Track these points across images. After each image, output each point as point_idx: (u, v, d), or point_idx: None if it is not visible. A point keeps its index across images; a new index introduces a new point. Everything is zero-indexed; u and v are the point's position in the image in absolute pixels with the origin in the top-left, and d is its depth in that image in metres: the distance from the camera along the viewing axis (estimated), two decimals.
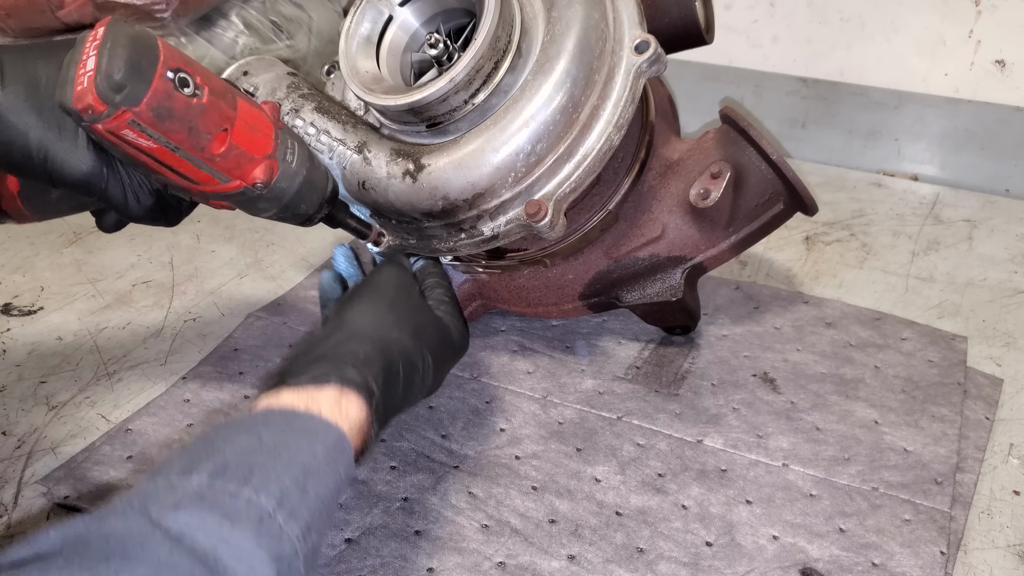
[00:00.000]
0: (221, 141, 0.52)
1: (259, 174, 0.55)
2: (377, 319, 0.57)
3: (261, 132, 0.55)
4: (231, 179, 0.54)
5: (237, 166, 0.54)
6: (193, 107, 0.50)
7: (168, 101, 0.48)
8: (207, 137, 0.51)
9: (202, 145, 0.51)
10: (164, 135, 0.49)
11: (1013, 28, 1.07)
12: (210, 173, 0.53)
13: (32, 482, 0.65)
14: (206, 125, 0.51)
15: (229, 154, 0.53)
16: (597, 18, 0.61)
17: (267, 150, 0.55)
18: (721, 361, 0.78)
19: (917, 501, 0.63)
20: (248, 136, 0.54)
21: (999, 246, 0.99)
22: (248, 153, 0.54)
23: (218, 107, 0.52)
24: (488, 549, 0.60)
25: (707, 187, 0.69)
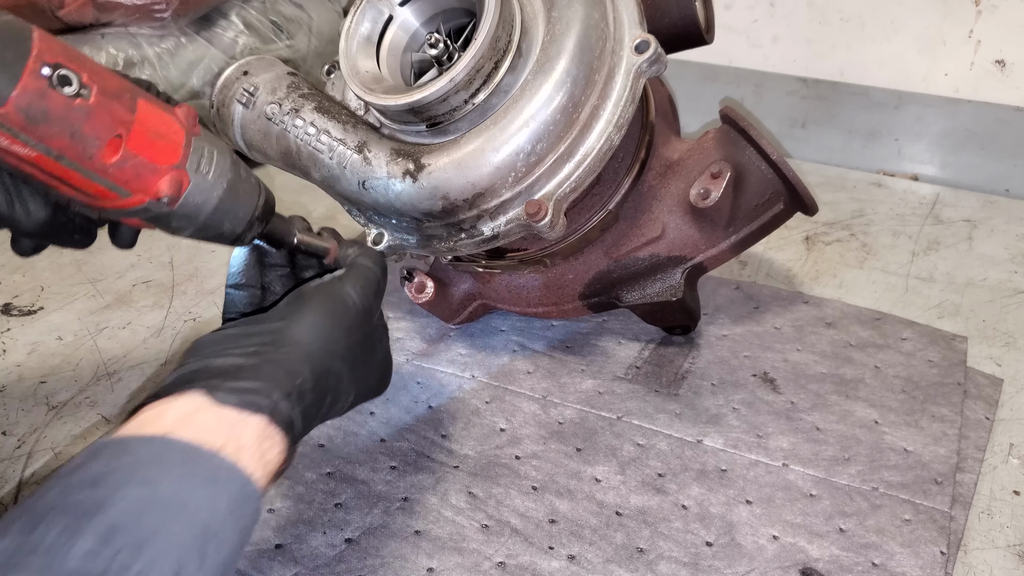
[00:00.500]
0: (114, 149, 0.45)
1: (164, 187, 0.48)
2: (329, 343, 0.51)
3: (167, 139, 0.48)
4: (130, 192, 0.47)
5: (136, 177, 0.47)
6: (75, 109, 0.43)
7: (42, 101, 0.42)
8: (95, 144, 0.45)
9: (90, 153, 0.45)
10: (41, 141, 0.43)
11: (1013, 28, 1.07)
12: (104, 186, 0.46)
13: (32, 482, 0.65)
14: (93, 130, 0.44)
15: (125, 164, 0.46)
16: (597, 18, 0.61)
17: (174, 159, 0.48)
18: (721, 361, 0.78)
19: (917, 501, 0.63)
20: (150, 143, 0.47)
21: (999, 246, 0.99)
22: (150, 163, 0.47)
23: (109, 109, 0.45)
24: (488, 549, 0.60)
25: (707, 187, 0.69)
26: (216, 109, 0.70)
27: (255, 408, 0.45)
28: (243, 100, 0.67)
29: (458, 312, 0.80)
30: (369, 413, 0.72)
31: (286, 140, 0.66)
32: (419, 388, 0.75)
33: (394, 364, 0.78)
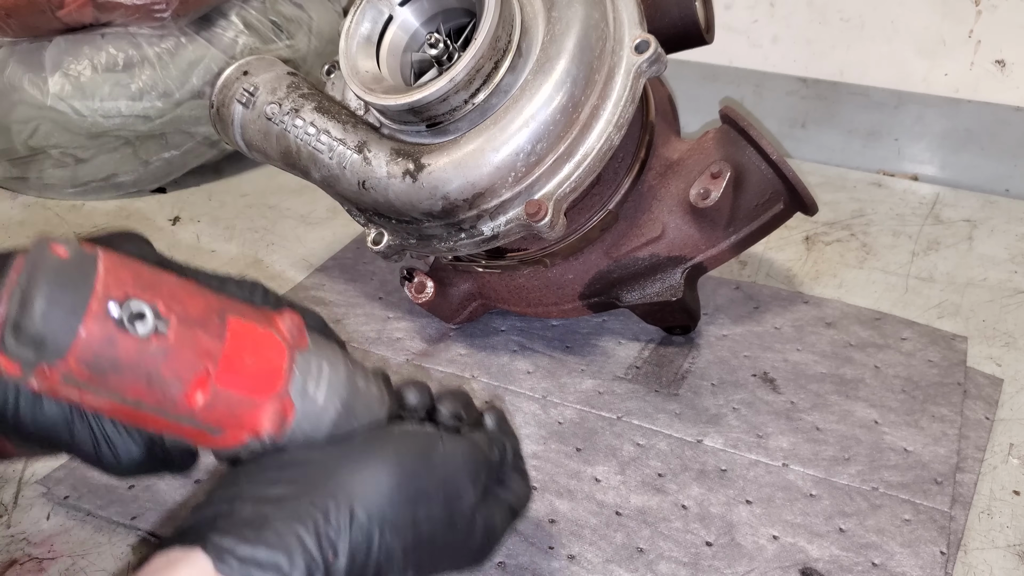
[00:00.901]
0: (201, 386, 0.38)
1: (265, 423, 0.40)
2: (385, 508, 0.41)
3: (266, 363, 0.41)
4: (224, 430, 0.40)
5: (230, 416, 0.40)
6: (151, 351, 0.37)
7: (110, 349, 0.36)
8: (178, 386, 0.38)
9: (172, 397, 0.38)
10: (114, 390, 0.37)
11: (1013, 28, 1.07)
12: (194, 427, 0.40)
13: (32, 482, 0.65)
14: (174, 371, 0.37)
15: (216, 403, 0.39)
16: (597, 18, 0.61)
17: (275, 387, 0.41)
18: (721, 361, 0.78)
19: (917, 501, 0.63)
20: (244, 373, 0.40)
21: (999, 246, 0.99)
22: (246, 398, 0.40)
23: (193, 342, 0.38)
24: None
25: (707, 187, 0.69)
26: (216, 109, 0.70)
27: None
28: (243, 100, 0.67)
29: (458, 312, 0.80)
30: None
31: (286, 140, 0.66)
32: None
33: (394, 364, 0.78)
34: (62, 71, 0.99)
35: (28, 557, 0.59)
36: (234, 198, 1.09)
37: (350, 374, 0.44)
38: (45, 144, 1.02)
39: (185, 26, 1.03)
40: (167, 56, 1.01)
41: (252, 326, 0.41)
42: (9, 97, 1.00)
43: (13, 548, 0.60)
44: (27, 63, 1.00)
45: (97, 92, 1.00)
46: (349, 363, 0.45)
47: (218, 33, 1.06)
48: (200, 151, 1.08)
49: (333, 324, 0.82)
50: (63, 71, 0.99)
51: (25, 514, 0.63)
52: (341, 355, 0.45)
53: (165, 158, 1.06)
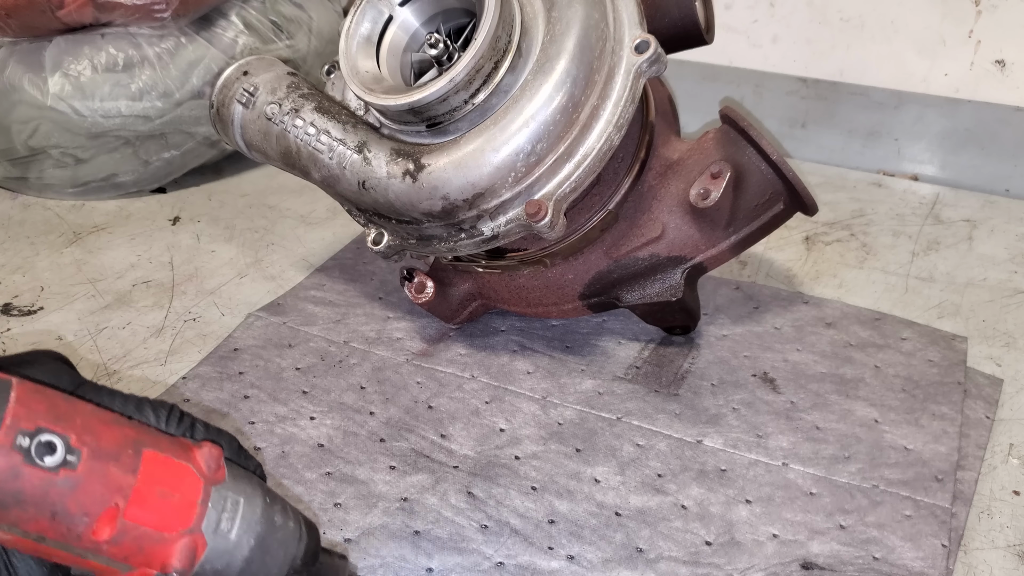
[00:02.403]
0: (108, 522, 0.37)
1: (174, 560, 0.39)
2: None
3: (179, 498, 0.40)
4: (132, 567, 0.39)
5: (139, 551, 0.38)
6: (58, 483, 0.35)
7: (14, 482, 0.34)
8: (83, 521, 0.36)
9: (77, 532, 0.37)
10: (15, 524, 0.36)
11: (1013, 28, 1.07)
12: (100, 562, 0.38)
13: None
14: (80, 506, 0.36)
15: (123, 538, 0.38)
16: (597, 18, 0.61)
17: (187, 522, 0.39)
18: (721, 361, 0.78)
19: (918, 497, 0.63)
20: (155, 508, 0.39)
21: (999, 246, 0.99)
22: (155, 533, 0.38)
23: (104, 475, 0.37)
24: (488, 549, 0.60)
25: (707, 187, 0.69)
26: (216, 109, 0.70)
27: None
28: (243, 100, 0.67)
29: (458, 312, 0.80)
30: (369, 413, 0.72)
31: (286, 140, 0.66)
32: (419, 388, 0.75)
33: (394, 364, 0.78)
34: (62, 71, 0.99)
35: None
36: (234, 198, 1.09)
37: (266, 509, 0.43)
38: (45, 144, 1.02)
39: (185, 26, 1.03)
40: (167, 56, 1.01)
41: (167, 459, 0.40)
42: (9, 97, 1.00)
43: None
44: (27, 63, 1.00)
45: (97, 92, 1.00)
46: (267, 497, 0.44)
47: (218, 33, 1.06)
48: (200, 151, 1.08)
49: (333, 324, 0.83)
50: (63, 71, 0.99)
51: None
52: (259, 488, 0.44)
53: (165, 158, 1.06)
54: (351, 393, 0.74)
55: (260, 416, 0.71)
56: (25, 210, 1.05)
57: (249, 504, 0.42)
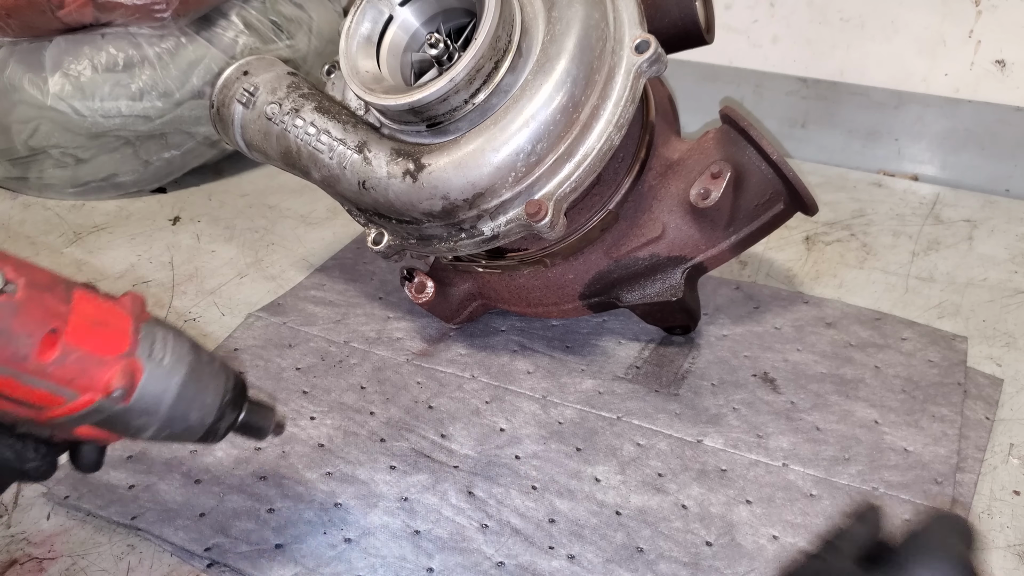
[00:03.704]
0: (50, 344, 0.41)
1: (115, 379, 0.42)
2: None
3: (111, 327, 0.43)
4: (77, 392, 0.42)
5: (82, 373, 0.42)
6: (1, 306, 0.39)
7: None
8: (28, 342, 0.40)
9: (24, 353, 0.40)
10: None
11: (1013, 28, 1.07)
12: (47, 389, 0.41)
13: None
14: (24, 326, 0.40)
15: (66, 360, 0.41)
16: (597, 18, 0.61)
17: (122, 347, 0.43)
18: (721, 361, 0.78)
19: (917, 501, 0.63)
20: (91, 333, 0.42)
21: (999, 246, 0.99)
22: (94, 355, 0.42)
23: (40, 302, 0.40)
24: (488, 549, 0.60)
25: (707, 187, 0.69)
26: (216, 109, 0.70)
27: None
28: (243, 100, 0.67)
29: (458, 312, 0.80)
30: (369, 413, 0.72)
31: (286, 140, 0.66)
32: (419, 388, 0.75)
33: (394, 364, 0.78)
34: (62, 71, 0.99)
35: (28, 557, 0.59)
36: (234, 198, 1.09)
37: (194, 346, 0.47)
38: (45, 144, 1.02)
39: (185, 26, 1.03)
40: (167, 56, 1.01)
41: (95, 297, 0.44)
42: (9, 97, 1.00)
43: (13, 548, 0.60)
44: (27, 63, 1.00)
45: (97, 92, 1.00)
46: (192, 340, 0.47)
47: (218, 33, 1.06)
48: (200, 151, 1.08)
49: (333, 324, 0.83)
50: (63, 71, 0.99)
51: (25, 514, 0.63)
52: (183, 332, 0.47)
53: (165, 158, 1.06)
54: (351, 393, 0.74)
55: None
56: (25, 210, 1.05)
57: (177, 339, 0.46)
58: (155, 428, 0.46)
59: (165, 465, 0.66)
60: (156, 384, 0.45)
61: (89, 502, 0.63)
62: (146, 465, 0.66)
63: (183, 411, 0.46)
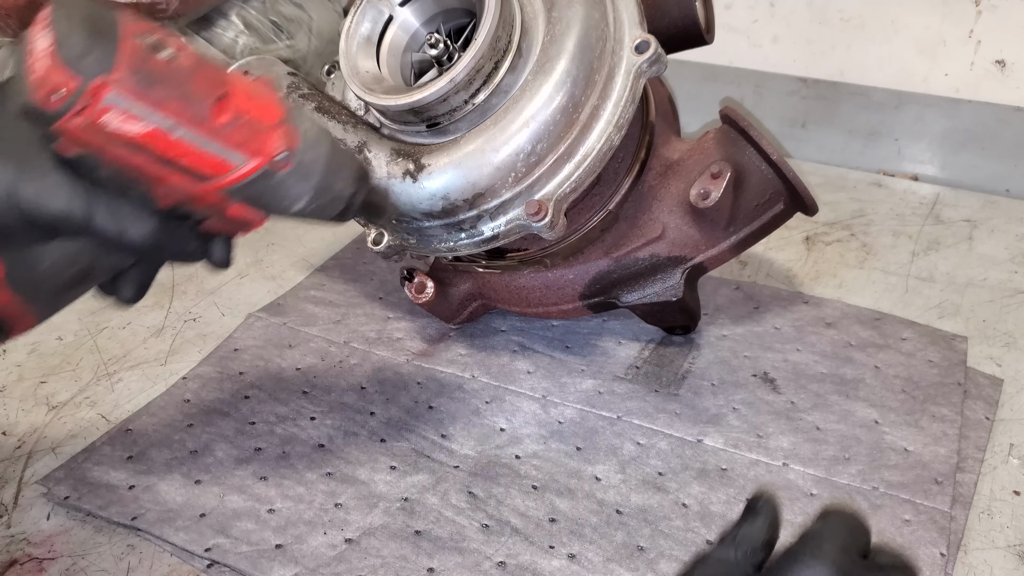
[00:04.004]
0: (223, 108, 0.43)
1: (279, 142, 0.45)
2: None
3: (265, 97, 0.46)
4: (247, 157, 0.44)
5: (250, 137, 0.44)
6: (178, 69, 0.42)
7: (147, 63, 0.40)
8: (206, 104, 0.42)
9: (203, 115, 0.42)
10: (156, 107, 0.40)
11: (1013, 28, 1.07)
12: (220, 155, 0.43)
13: (32, 482, 0.65)
14: (201, 88, 0.42)
15: (237, 123, 0.43)
16: (597, 18, 0.61)
17: (278, 115, 0.46)
18: (721, 361, 0.78)
19: (917, 501, 0.63)
20: (251, 101, 0.45)
21: (999, 246, 0.99)
22: (257, 120, 0.44)
23: (205, 70, 0.43)
24: (488, 549, 0.60)
25: (707, 187, 0.69)
26: None
27: None
28: None
29: (458, 312, 0.80)
30: (369, 413, 0.72)
31: None
32: (419, 388, 0.75)
33: (394, 364, 0.78)
34: None
35: (28, 557, 0.59)
36: None
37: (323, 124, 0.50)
38: None
39: (185, 26, 1.03)
40: None
41: (240, 75, 0.46)
42: None
43: (13, 548, 0.60)
44: None
45: None
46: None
47: (218, 33, 1.06)
48: None
49: (333, 324, 0.83)
50: None
51: (25, 514, 0.63)
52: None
53: None
54: (351, 393, 0.74)
55: (260, 416, 0.71)
56: None
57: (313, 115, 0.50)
58: (307, 198, 0.47)
59: (165, 465, 0.66)
60: (309, 151, 0.46)
61: (89, 502, 0.63)
62: (146, 465, 0.66)
63: (330, 180, 0.47)
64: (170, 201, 0.46)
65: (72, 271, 0.49)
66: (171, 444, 0.68)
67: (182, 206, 0.46)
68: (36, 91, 0.39)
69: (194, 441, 0.69)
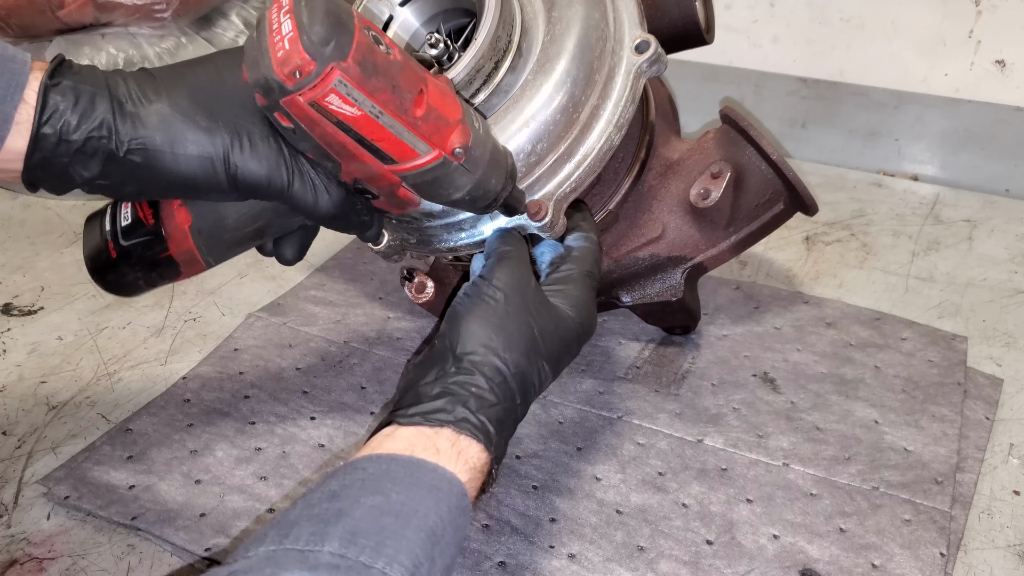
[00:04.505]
0: (420, 103, 0.48)
1: (458, 138, 0.50)
2: (487, 341, 0.52)
3: (450, 96, 0.51)
4: (431, 148, 0.49)
5: (437, 131, 0.49)
6: (392, 63, 0.46)
7: (371, 55, 0.45)
8: (409, 97, 0.47)
9: (405, 106, 0.47)
10: (370, 96, 0.45)
11: (1013, 28, 1.07)
12: (411, 143, 0.49)
13: (32, 482, 0.65)
14: (407, 82, 0.47)
15: (429, 117, 0.49)
16: (597, 18, 0.61)
17: (459, 114, 0.51)
18: (721, 361, 0.78)
19: (917, 501, 0.63)
20: (442, 98, 0.50)
21: (999, 246, 0.99)
22: (444, 116, 0.49)
23: (412, 65, 0.48)
24: (489, 548, 0.60)
25: (707, 187, 0.69)
26: None
27: (438, 423, 0.49)
28: None
29: None
30: (369, 413, 0.72)
31: None
32: None
33: (394, 364, 0.78)
34: None
35: (28, 557, 0.59)
36: None
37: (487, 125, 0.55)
38: None
39: (185, 26, 1.03)
40: (167, 56, 1.01)
41: (429, 73, 0.50)
42: None
43: (13, 548, 0.60)
44: None
45: None
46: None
47: (218, 33, 1.06)
48: None
49: (333, 324, 0.83)
50: None
51: (25, 514, 0.63)
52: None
53: None
54: (351, 393, 0.74)
55: (260, 416, 0.71)
56: (25, 210, 1.05)
57: (479, 114, 0.54)
58: (467, 189, 0.52)
59: (165, 465, 0.66)
60: (478, 148, 0.52)
61: (89, 502, 0.63)
62: (146, 465, 0.66)
63: (488, 176, 0.53)
64: (355, 176, 0.51)
65: (250, 229, 0.56)
66: (171, 444, 0.68)
67: (363, 183, 0.52)
68: (280, 67, 0.43)
69: (194, 441, 0.69)
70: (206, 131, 0.48)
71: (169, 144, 0.48)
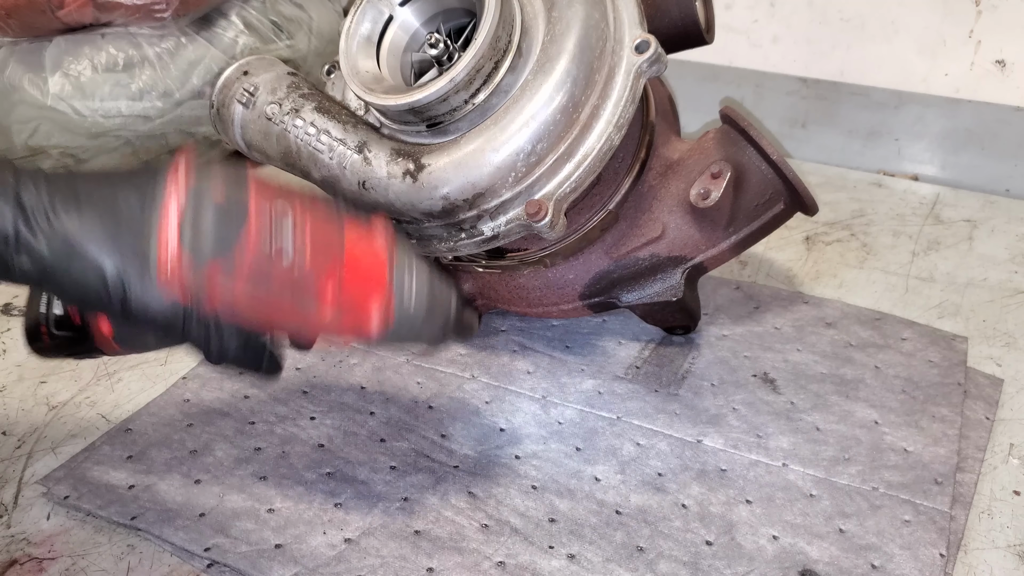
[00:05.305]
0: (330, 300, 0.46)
1: (374, 324, 0.48)
2: None
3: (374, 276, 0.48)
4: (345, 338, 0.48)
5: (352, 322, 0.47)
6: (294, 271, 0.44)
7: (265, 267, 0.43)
8: (313, 305, 0.45)
9: (309, 312, 0.46)
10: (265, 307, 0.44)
11: (1013, 28, 1.07)
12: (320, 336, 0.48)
13: (32, 482, 0.65)
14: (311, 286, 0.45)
15: (339, 314, 0.47)
16: (597, 18, 0.61)
17: (381, 290, 0.48)
18: (721, 361, 0.78)
19: (917, 501, 0.63)
20: (359, 278, 0.47)
21: (999, 246, 0.99)
22: (360, 304, 0.47)
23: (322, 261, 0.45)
24: (488, 549, 0.60)
25: (707, 187, 0.69)
26: (216, 109, 0.70)
27: None
28: (243, 100, 0.67)
29: None
30: (369, 413, 0.72)
31: (286, 140, 0.66)
32: (419, 388, 0.75)
33: (394, 364, 0.78)
34: (62, 71, 0.99)
35: (28, 557, 0.59)
36: None
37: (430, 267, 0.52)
38: (45, 144, 1.02)
39: (185, 26, 1.03)
40: (167, 56, 1.01)
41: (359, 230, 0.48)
42: (9, 97, 1.00)
43: (13, 548, 0.60)
44: (27, 63, 1.00)
45: (97, 92, 1.00)
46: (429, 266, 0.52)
47: (218, 33, 1.06)
48: (200, 151, 1.08)
49: None
50: (63, 71, 0.99)
51: (25, 514, 0.63)
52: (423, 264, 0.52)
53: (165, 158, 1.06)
54: (351, 393, 0.74)
55: (260, 416, 0.71)
56: None
57: (420, 264, 0.51)
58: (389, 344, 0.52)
59: (165, 465, 0.66)
60: (403, 326, 0.50)
61: (89, 502, 0.63)
62: (146, 465, 0.66)
63: (417, 336, 0.52)
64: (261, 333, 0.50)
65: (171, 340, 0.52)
66: (171, 444, 0.68)
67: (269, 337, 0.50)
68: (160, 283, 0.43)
69: (194, 441, 0.69)
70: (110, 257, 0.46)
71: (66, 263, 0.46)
